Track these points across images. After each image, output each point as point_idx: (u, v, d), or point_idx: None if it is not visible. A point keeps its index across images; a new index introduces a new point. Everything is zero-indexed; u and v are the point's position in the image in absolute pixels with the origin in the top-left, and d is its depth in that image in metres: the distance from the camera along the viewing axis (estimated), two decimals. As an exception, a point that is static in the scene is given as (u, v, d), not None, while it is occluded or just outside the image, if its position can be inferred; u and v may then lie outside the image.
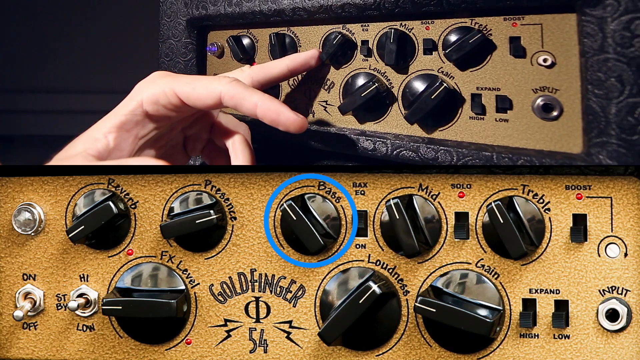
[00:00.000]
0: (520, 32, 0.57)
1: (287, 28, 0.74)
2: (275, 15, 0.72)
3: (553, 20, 0.55)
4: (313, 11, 0.68)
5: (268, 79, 0.66)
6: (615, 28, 0.49)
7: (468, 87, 0.60)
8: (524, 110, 0.57)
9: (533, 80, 0.56)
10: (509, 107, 0.58)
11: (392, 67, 0.65)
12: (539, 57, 0.56)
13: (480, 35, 0.58)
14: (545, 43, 0.56)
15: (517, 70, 0.57)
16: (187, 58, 0.84)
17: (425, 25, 0.63)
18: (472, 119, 0.60)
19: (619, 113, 0.50)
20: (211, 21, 0.81)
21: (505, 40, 0.58)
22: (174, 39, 0.85)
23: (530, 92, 0.57)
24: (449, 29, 0.61)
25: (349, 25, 0.68)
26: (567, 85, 0.55)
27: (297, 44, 0.73)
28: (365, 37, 0.67)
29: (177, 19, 0.84)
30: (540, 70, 0.56)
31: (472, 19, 0.60)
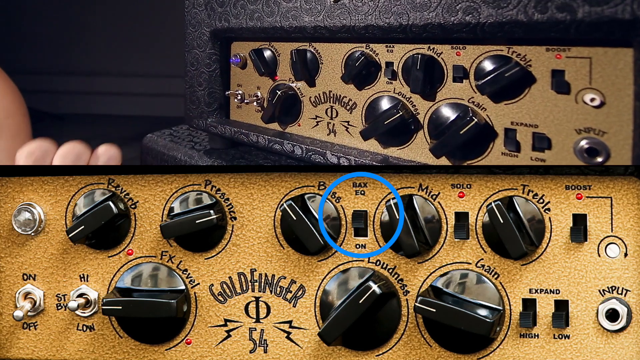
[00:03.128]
0: (565, 65, 0.51)
1: (309, 44, 0.73)
2: (297, 32, 0.71)
3: (605, 54, 0.48)
4: (335, 30, 0.66)
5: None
6: None
7: (501, 121, 0.56)
8: (564, 152, 0.52)
9: (577, 120, 0.50)
10: (547, 147, 0.53)
11: (419, 94, 0.61)
12: (586, 95, 0.50)
13: (517, 69, 0.52)
14: (594, 80, 0.49)
15: (559, 107, 0.51)
16: (211, 68, 0.84)
17: (456, 50, 0.58)
18: (504, 155, 0.55)
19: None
20: (234, 33, 0.80)
21: (547, 73, 0.52)
22: (199, 49, 0.85)
23: (573, 132, 0.51)
24: (483, 56, 0.56)
25: (373, 45, 0.65)
26: (617, 129, 0.48)
27: (319, 61, 0.72)
28: (390, 59, 0.64)
29: (202, 30, 0.84)
30: (586, 109, 0.50)
31: (509, 47, 0.54)
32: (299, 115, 0.76)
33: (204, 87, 0.85)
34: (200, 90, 0.85)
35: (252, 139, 0.78)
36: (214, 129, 0.85)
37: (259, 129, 0.80)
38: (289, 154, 0.73)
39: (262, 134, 0.77)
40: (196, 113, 0.87)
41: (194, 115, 0.87)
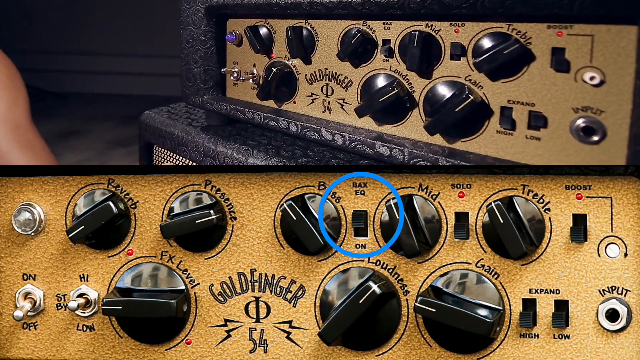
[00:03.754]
0: (566, 43, 0.50)
1: (305, 21, 0.72)
2: (292, 8, 0.70)
3: (608, 32, 0.48)
4: (331, 6, 0.65)
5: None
6: None
7: (498, 99, 0.55)
8: (560, 130, 0.51)
9: (575, 99, 0.50)
10: (542, 125, 0.52)
11: (415, 72, 0.61)
12: (585, 74, 0.49)
13: (517, 46, 0.51)
14: (595, 58, 0.49)
15: (557, 85, 0.51)
16: (206, 46, 0.84)
17: (455, 27, 0.57)
18: (499, 133, 0.55)
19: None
20: (229, 10, 0.80)
21: (547, 50, 0.51)
22: (194, 26, 0.84)
23: (570, 111, 0.51)
24: (482, 33, 0.55)
25: (370, 22, 0.64)
26: (615, 108, 0.48)
27: (315, 38, 0.71)
28: (387, 36, 0.63)
29: (196, 6, 0.83)
30: (585, 87, 0.50)
31: (509, 24, 0.53)
32: (294, 93, 0.76)
33: (200, 64, 0.85)
34: (196, 68, 0.85)
35: (248, 116, 0.78)
36: (210, 106, 0.85)
37: (255, 106, 0.80)
38: (284, 131, 0.73)
39: (257, 111, 0.77)
40: (192, 90, 0.87)
41: (190, 92, 0.87)
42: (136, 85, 3.70)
